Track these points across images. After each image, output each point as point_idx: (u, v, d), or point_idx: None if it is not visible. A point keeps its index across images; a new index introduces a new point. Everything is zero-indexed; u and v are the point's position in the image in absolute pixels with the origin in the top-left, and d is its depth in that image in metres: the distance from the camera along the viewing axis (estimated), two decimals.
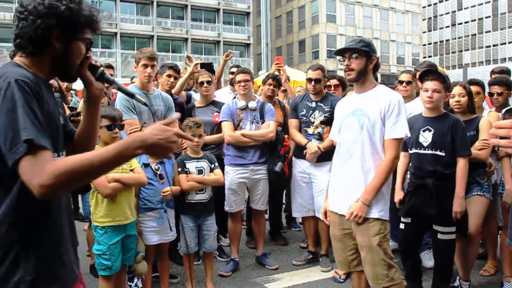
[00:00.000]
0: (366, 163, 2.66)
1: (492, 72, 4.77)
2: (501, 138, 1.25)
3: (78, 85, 5.83)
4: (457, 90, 3.49)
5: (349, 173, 2.71)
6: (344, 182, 2.73)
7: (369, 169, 2.65)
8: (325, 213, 2.91)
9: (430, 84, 3.13)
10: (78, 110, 3.09)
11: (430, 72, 3.23)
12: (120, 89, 1.70)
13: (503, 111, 3.66)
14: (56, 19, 1.38)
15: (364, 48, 2.65)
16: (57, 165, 1.24)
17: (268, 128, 4.13)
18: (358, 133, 2.67)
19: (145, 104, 1.72)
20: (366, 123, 2.65)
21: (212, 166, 3.67)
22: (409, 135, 2.72)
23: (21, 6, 1.40)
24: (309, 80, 4.23)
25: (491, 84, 4.07)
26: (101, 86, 1.61)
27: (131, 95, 1.65)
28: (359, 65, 2.66)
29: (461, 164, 3.11)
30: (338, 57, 2.80)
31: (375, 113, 2.65)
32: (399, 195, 3.35)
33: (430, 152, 3.15)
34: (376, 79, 4.58)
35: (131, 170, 3.13)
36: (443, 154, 3.12)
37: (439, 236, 3.20)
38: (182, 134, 1.44)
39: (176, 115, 1.54)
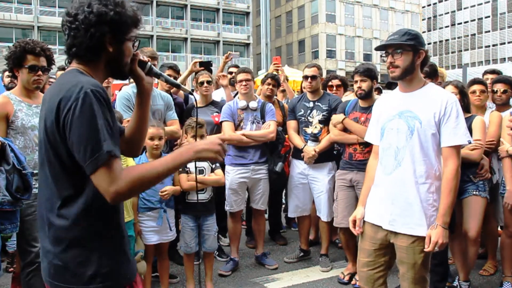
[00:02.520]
0: (417, 172, 2.35)
1: (485, 72, 4.77)
2: None
3: None
4: (448, 89, 3.46)
5: (398, 184, 2.40)
6: (392, 194, 2.42)
7: (421, 179, 2.35)
8: (354, 222, 2.62)
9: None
10: None
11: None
12: (168, 81, 1.77)
13: None
14: (107, 25, 1.44)
15: (410, 41, 2.32)
16: (130, 172, 1.38)
17: (269, 128, 4.13)
18: (408, 138, 2.36)
19: (190, 93, 1.95)
20: (417, 126, 2.34)
21: (213, 166, 3.66)
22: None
23: (68, 15, 1.46)
24: (305, 77, 4.24)
25: (495, 82, 4.07)
26: (151, 81, 1.67)
27: (177, 86, 1.80)
28: (405, 61, 2.33)
29: None
30: (380, 53, 2.48)
31: (428, 116, 2.33)
32: None
33: None
34: (375, 80, 4.61)
35: None
36: None
37: None
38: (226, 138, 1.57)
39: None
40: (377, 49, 2.53)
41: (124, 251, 1.54)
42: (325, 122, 4.12)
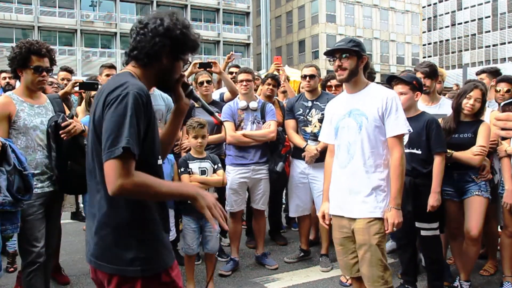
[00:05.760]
0: (367, 163, 2.63)
1: (477, 73, 4.78)
2: (502, 129, 1.35)
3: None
4: (476, 94, 3.43)
5: (351, 175, 2.67)
6: (347, 185, 2.69)
7: (371, 169, 2.63)
8: (323, 216, 2.87)
9: (396, 89, 3.27)
10: (71, 113, 3.10)
11: (393, 78, 3.41)
12: (203, 106, 1.88)
13: (502, 104, 3.63)
14: (171, 40, 1.63)
15: (355, 48, 2.63)
16: (141, 176, 1.50)
17: (269, 128, 4.14)
18: (357, 134, 2.65)
19: (221, 122, 2.12)
20: (364, 122, 2.63)
21: (215, 166, 3.66)
22: (411, 130, 2.70)
23: (140, 23, 1.65)
24: (304, 77, 4.27)
25: (499, 81, 4.07)
26: (188, 102, 1.84)
27: (211, 113, 1.90)
28: (351, 65, 2.63)
29: (437, 161, 3.24)
30: (328, 58, 2.76)
31: (373, 111, 2.62)
32: None
33: (407, 150, 3.20)
34: (373, 79, 4.63)
35: None
36: (420, 152, 3.27)
37: (422, 232, 3.32)
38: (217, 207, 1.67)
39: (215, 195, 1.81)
40: (326, 53, 2.79)
41: (161, 240, 1.66)
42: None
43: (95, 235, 1.61)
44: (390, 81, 3.43)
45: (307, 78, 4.23)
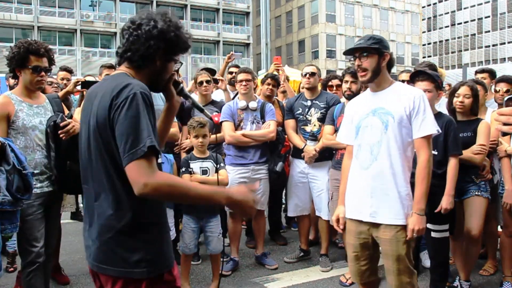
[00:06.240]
0: (394, 164, 2.47)
1: (476, 72, 4.78)
2: (504, 124, 1.32)
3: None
4: (463, 90, 3.46)
5: (375, 177, 2.50)
6: (370, 187, 2.51)
7: (398, 170, 2.47)
8: (337, 220, 2.72)
9: (421, 85, 3.12)
10: (70, 113, 3.09)
11: (420, 73, 3.24)
12: (194, 103, 1.95)
13: (505, 98, 3.63)
14: (165, 42, 1.63)
15: (374, 45, 2.49)
16: (165, 176, 1.52)
17: (269, 128, 4.13)
18: (383, 133, 2.48)
19: (211, 119, 2.08)
20: (390, 121, 2.47)
21: (218, 166, 3.65)
22: (440, 130, 2.56)
23: (133, 23, 1.64)
24: (304, 74, 4.29)
25: (498, 81, 4.07)
26: (179, 100, 1.87)
27: (201, 110, 1.91)
28: (371, 64, 2.49)
29: (453, 163, 3.15)
30: (349, 57, 2.62)
31: (399, 110, 2.47)
32: None
33: None
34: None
35: None
36: (436, 153, 3.14)
37: (433, 234, 3.24)
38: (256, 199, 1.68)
39: (257, 184, 1.88)
40: (345, 53, 2.67)
41: (165, 241, 1.67)
42: (323, 119, 4.15)
43: (97, 239, 1.60)
44: (415, 76, 3.25)
45: (307, 75, 4.25)
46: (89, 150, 1.60)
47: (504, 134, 1.41)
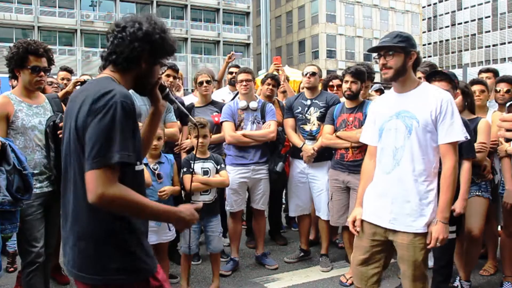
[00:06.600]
0: (416, 170, 2.38)
1: (480, 72, 4.76)
2: (507, 130, 1.29)
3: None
4: (441, 86, 3.44)
5: (397, 182, 2.42)
6: (391, 192, 2.44)
7: (420, 178, 2.38)
8: (353, 222, 2.63)
9: (438, 85, 2.98)
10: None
11: (437, 73, 3.16)
12: (179, 108, 1.94)
13: (507, 104, 3.62)
14: (150, 44, 1.62)
15: (401, 44, 2.38)
16: (122, 190, 1.47)
17: (269, 128, 4.13)
18: (406, 138, 2.40)
19: (195, 124, 2.19)
20: (415, 126, 2.37)
21: (218, 167, 3.65)
22: (468, 137, 2.46)
23: (118, 26, 1.62)
24: (305, 74, 4.30)
25: (499, 81, 4.07)
26: (165, 104, 1.86)
27: (187, 115, 1.93)
28: (397, 63, 2.38)
29: (466, 167, 3.08)
30: (373, 55, 2.51)
31: (425, 115, 2.36)
32: None
33: None
34: (373, 79, 4.61)
35: None
36: None
37: None
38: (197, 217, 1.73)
39: (200, 204, 1.90)
40: (370, 51, 2.58)
41: (144, 248, 1.65)
42: (322, 119, 4.14)
43: (75, 246, 1.58)
44: (431, 76, 3.15)
45: (308, 74, 4.25)
46: (69, 153, 1.59)
47: (508, 140, 1.39)
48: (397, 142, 2.43)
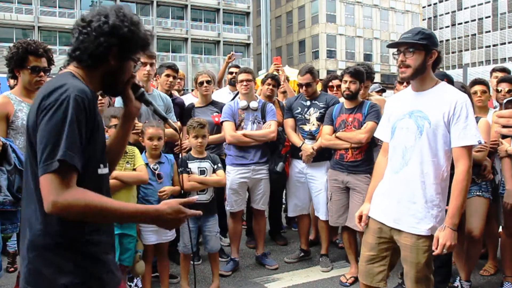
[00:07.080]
0: (424, 172, 2.33)
1: (493, 70, 4.75)
2: (504, 127, 1.28)
3: None
4: None
5: (404, 183, 2.39)
6: (398, 193, 2.41)
7: (429, 180, 2.33)
8: (360, 217, 2.61)
9: None
10: None
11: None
12: (156, 111, 1.73)
13: (504, 101, 3.62)
14: (118, 39, 1.46)
15: (423, 41, 2.29)
16: (79, 195, 1.31)
17: (270, 128, 4.13)
18: (417, 138, 2.34)
19: (175, 129, 1.80)
20: (426, 127, 2.31)
21: (215, 167, 3.66)
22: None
23: (83, 21, 1.47)
24: (300, 85, 4.29)
25: (500, 81, 4.07)
26: (138, 105, 1.68)
27: (164, 119, 1.73)
28: (416, 61, 2.29)
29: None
30: (392, 50, 2.42)
31: (437, 116, 2.29)
32: None
33: None
34: (372, 79, 4.60)
35: (134, 169, 3.15)
36: None
37: None
38: (191, 213, 1.52)
39: (195, 197, 1.66)
40: (389, 46, 2.50)
41: (103, 263, 1.47)
42: (322, 119, 4.15)
43: (26, 256, 1.41)
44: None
45: (304, 87, 4.23)
46: (27, 157, 1.44)
47: (504, 136, 1.38)
48: (407, 142, 2.38)
